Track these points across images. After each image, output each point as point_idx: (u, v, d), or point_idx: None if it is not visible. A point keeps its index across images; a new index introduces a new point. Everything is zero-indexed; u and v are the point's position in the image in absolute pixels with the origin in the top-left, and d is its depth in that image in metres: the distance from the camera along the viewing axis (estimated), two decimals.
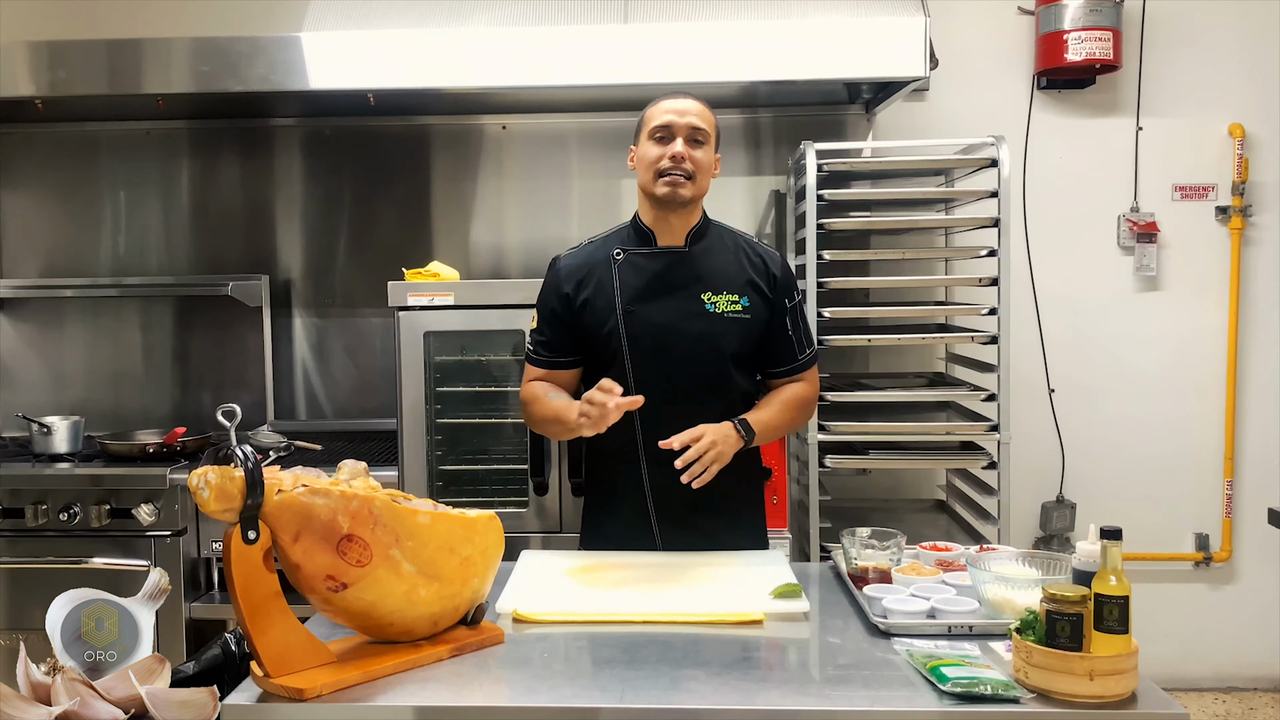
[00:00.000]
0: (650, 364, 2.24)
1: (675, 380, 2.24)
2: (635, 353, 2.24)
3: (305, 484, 1.54)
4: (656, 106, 2.28)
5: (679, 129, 2.23)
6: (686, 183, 2.23)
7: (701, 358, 2.25)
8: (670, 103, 2.27)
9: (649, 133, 2.26)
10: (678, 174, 2.22)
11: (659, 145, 2.24)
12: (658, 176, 2.23)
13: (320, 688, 1.48)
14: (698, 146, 2.24)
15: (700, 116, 2.25)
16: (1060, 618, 1.44)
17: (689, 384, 2.25)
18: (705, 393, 2.26)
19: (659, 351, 2.24)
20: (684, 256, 2.30)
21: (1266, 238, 3.99)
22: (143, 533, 3.19)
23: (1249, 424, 4.03)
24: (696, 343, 2.25)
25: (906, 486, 4.03)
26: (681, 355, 2.24)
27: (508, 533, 1.79)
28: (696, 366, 2.25)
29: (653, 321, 2.24)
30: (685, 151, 2.22)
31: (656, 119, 2.25)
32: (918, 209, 3.87)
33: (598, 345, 2.28)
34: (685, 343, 2.24)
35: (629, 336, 2.24)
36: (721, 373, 2.29)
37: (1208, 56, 3.94)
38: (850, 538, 1.97)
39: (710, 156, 2.29)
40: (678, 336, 2.24)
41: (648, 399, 2.14)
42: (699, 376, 2.26)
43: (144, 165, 3.98)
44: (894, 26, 3.23)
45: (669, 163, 2.22)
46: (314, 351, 4.00)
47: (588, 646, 1.72)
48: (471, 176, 3.96)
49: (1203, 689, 4.05)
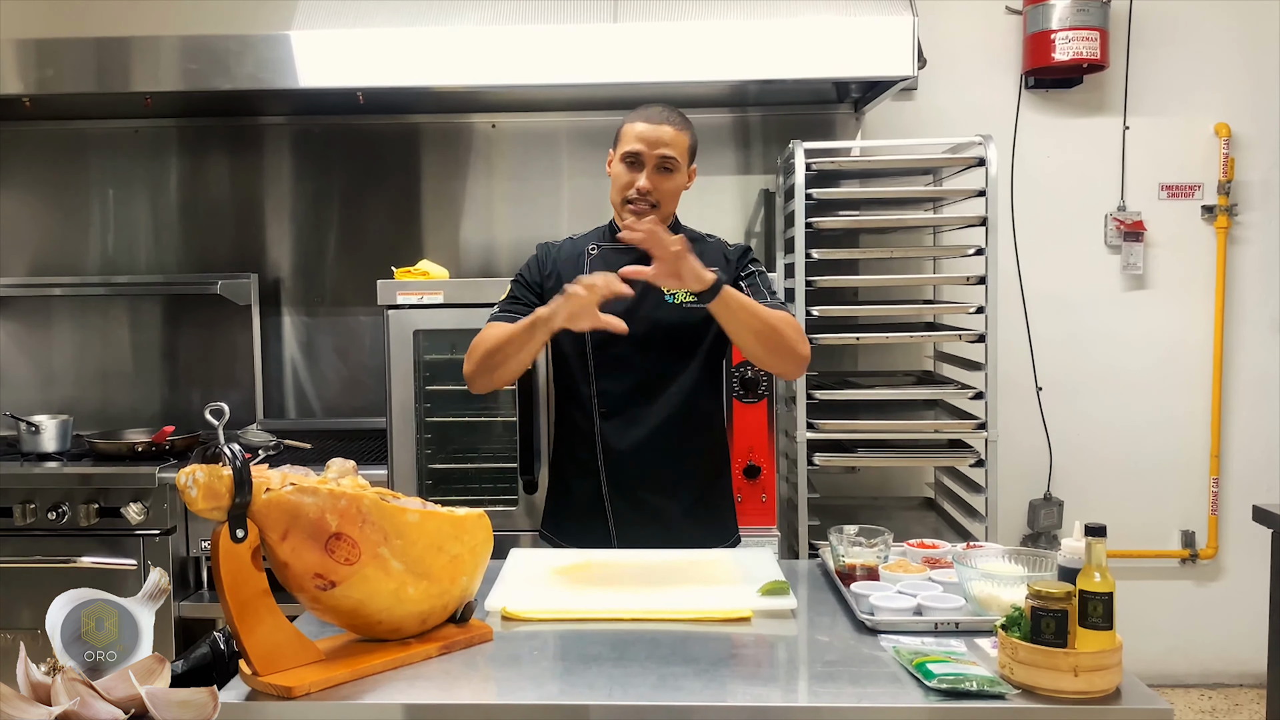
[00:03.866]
0: (609, 351, 2.31)
1: (633, 368, 2.32)
2: (595, 339, 2.30)
3: (293, 482, 1.54)
4: (632, 126, 2.31)
5: (648, 159, 2.28)
6: (650, 211, 2.29)
7: (660, 344, 2.31)
8: (644, 127, 2.29)
9: (621, 155, 2.32)
10: (643, 204, 2.29)
11: (629, 170, 2.30)
12: (624, 204, 2.31)
13: (309, 686, 1.48)
14: (666, 175, 2.30)
15: (672, 144, 2.29)
16: (1045, 614, 1.45)
17: (648, 372, 2.32)
18: (664, 381, 2.32)
19: (618, 339, 2.24)
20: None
21: (1252, 236, 4.02)
22: (131, 531, 3.19)
23: (1235, 421, 4.06)
24: (655, 329, 2.30)
25: (895, 484, 4.05)
26: (640, 342, 2.28)
27: (497, 531, 1.79)
28: (655, 353, 2.31)
29: (613, 309, 2.23)
30: (650, 185, 2.28)
31: (628, 143, 2.30)
32: (906, 208, 3.89)
33: (562, 334, 2.28)
34: (644, 329, 2.28)
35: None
36: (680, 362, 2.34)
37: (1194, 56, 3.97)
38: (838, 535, 1.98)
39: (679, 182, 2.35)
40: (637, 324, 2.25)
41: (608, 385, 2.30)
42: (657, 365, 2.32)
43: (133, 164, 3.97)
44: (882, 26, 3.24)
45: (635, 194, 2.29)
46: (303, 350, 4.00)
47: (576, 644, 1.72)
48: (461, 175, 3.96)
49: (1189, 685, 4.08)
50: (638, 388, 2.32)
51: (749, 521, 2.99)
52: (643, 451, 2.31)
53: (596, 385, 2.33)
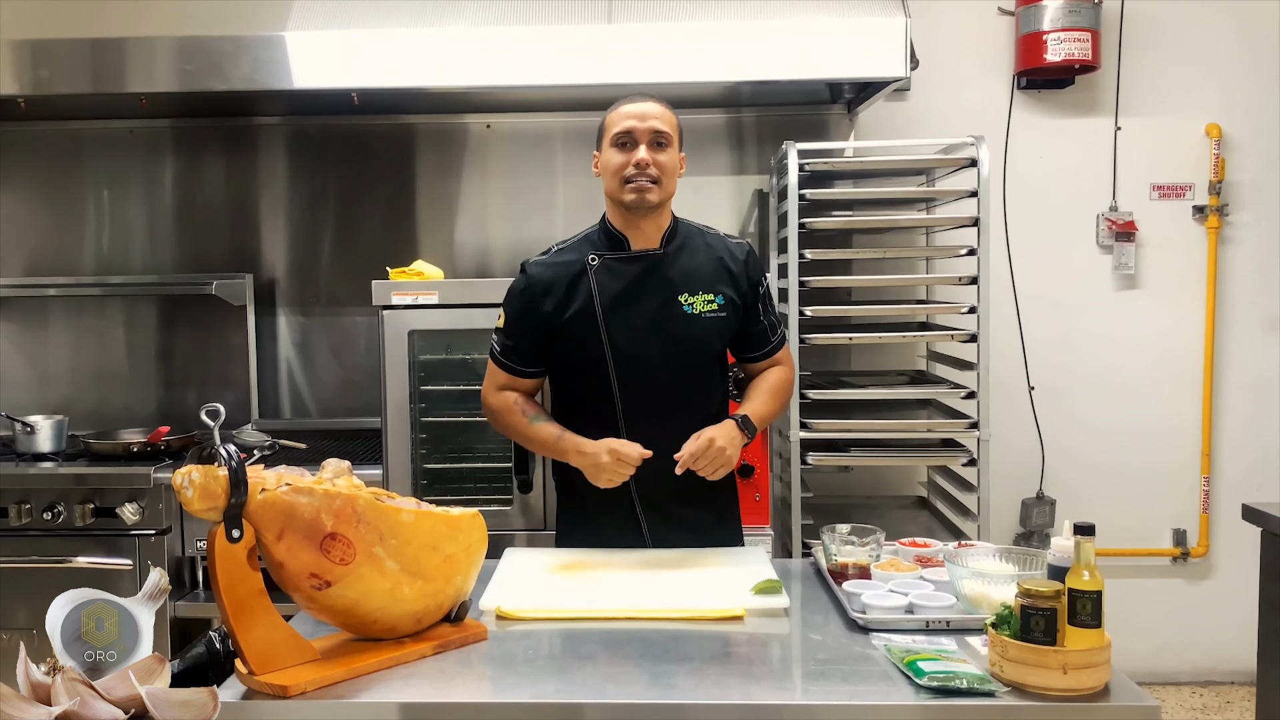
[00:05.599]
0: (633, 368, 2.25)
1: (657, 382, 2.26)
2: (618, 358, 2.25)
3: (289, 483, 1.55)
4: (617, 111, 2.26)
5: (641, 134, 2.22)
6: (653, 187, 2.21)
7: (682, 359, 2.28)
8: (631, 107, 2.25)
9: (611, 139, 2.25)
10: (644, 179, 2.21)
11: (622, 152, 2.23)
12: (624, 183, 2.22)
13: (304, 685, 1.49)
14: (661, 150, 2.24)
15: (662, 119, 2.24)
16: (1035, 612, 1.46)
17: (671, 385, 2.28)
18: (688, 393, 2.29)
19: (641, 355, 2.25)
20: (660, 260, 2.30)
21: (1243, 236, 4.03)
22: (127, 532, 3.19)
23: (1226, 421, 4.07)
24: (676, 344, 2.26)
25: (888, 483, 4.06)
26: (663, 358, 2.26)
27: (491, 530, 1.80)
28: (677, 368, 2.28)
29: (633, 326, 2.25)
30: (649, 157, 2.21)
31: (618, 125, 2.24)
32: (899, 208, 3.90)
33: (580, 353, 2.27)
34: (666, 345, 2.26)
35: (611, 343, 2.24)
36: (702, 373, 2.32)
37: (1185, 57, 3.98)
38: (830, 534, 2.00)
39: (675, 158, 2.27)
40: (659, 340, 2.25)
41: (631, 401, 2.24)
42: (680, 378, 2.28)
43: (128, 164, 3.97)
44: (875, 27, 3.25)
45: (634, 169, 2.21)
46: (298, 350, 4.00)
47: (570, 643, 1.73)
48: (456, 175, 3.97)
49: (1180, 683, 4.10)
50: (664, 402, 2.27)
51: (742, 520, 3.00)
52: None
53: (622, 403, 2.26)
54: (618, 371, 2.25)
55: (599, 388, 2.27)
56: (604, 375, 2.26)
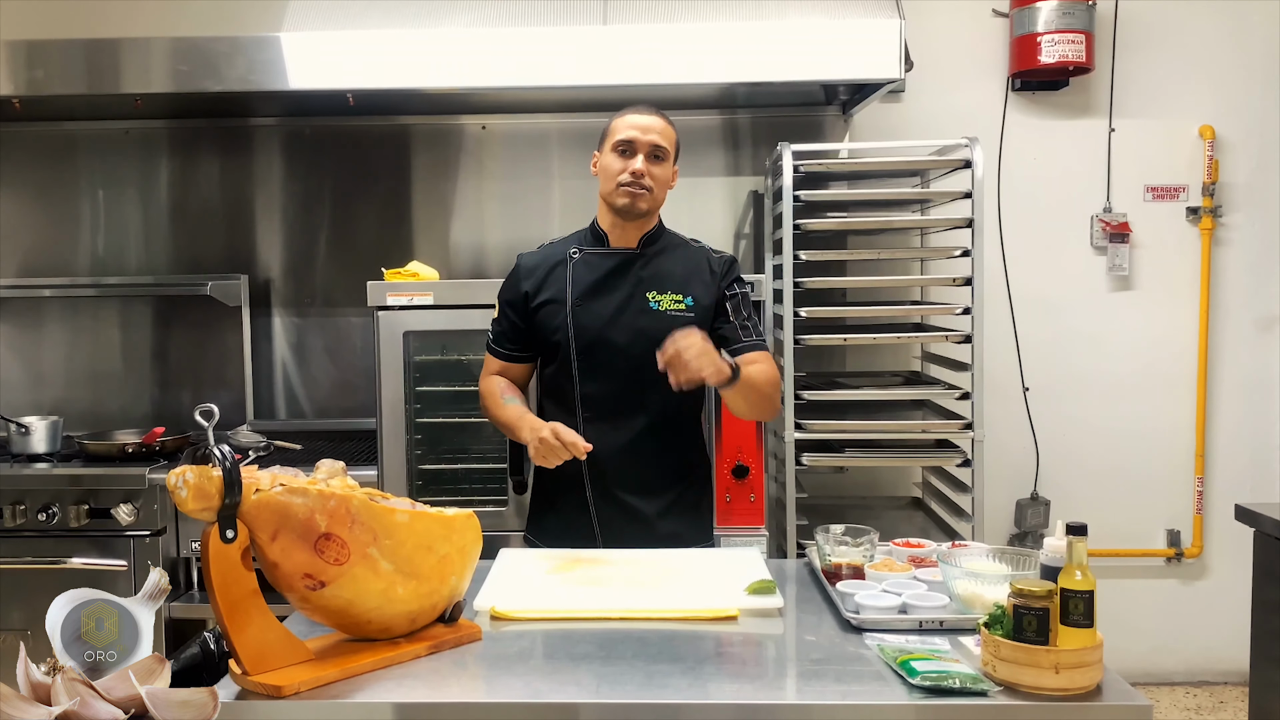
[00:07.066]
0: (593, 357, 2.36)
1: (614, 372, 2.36)
2: (580, 345, 2.36)
3: (283, 483, 1.55)
4: (622, 119, 2.39)
5: (641, 145, 2.35)
6: (645, 194, 2.36)
7: (643, 353, 2.30)
8: (635, 118, 2.38)
9: (613, 145, 2.38)
10: (637, 188, 2.34)
11: (621, 159, 2.36)
12: (619, 188, 2.36)
13: (298, 685, 1.49)
14: (657, 163, 2.37)
15: (663, 134, 2.38)
16: (1027, 612, 1.47)
17: (630, 378, 2.35)
18: (647, 387, 2.33)
19: (602, 345, 2.36)
20: (635, 258, 2.42)
21: (1236, 238, 4.05)
22: (121, 532, 3.19)
23: (1219, 421, 4.09)
24: (638, 337, 2.33)
25: (883, 484, 4.07)
26: (623, 349, 2.34)
27: (486, 531, 1.80)
28: (638, 361, 2.31)
29: (598, 315, 2.37)
30: (645, 168, 2.35)
31: (621, 132, 2.37)
32: (893, 210, 3.90)
33: (548, 338, 2.40)
34: (627, 337, 2.35)
35: (575, 329, 2.37)
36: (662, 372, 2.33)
37: (1179, 59, 4.00)
38: (824, 535, 2.00)
39: (668, 171, 2.42)
40: (620, 331, 2.36)
41: (591, 391, 2.36)
42: (640, 371, 2.31)
43: (123, 165, 3.97)
44: (870, 29, 3.26)
45: (629, 177, 2.34)
46: (293, 351, 4.00)
47: (564, 643, 1.73)
48: (451, 176, 3.97)
49: (1174, 683, 4.11)
50: (621, 393, 2.37)
51: (737, 521, 3.01)
52: (625, 455, 2.35)
53: (580, 390, 2.38)
54: (578, 357, 2.37)
55: (563, 373, 2.40)
56: (566, 360, 2.38)
